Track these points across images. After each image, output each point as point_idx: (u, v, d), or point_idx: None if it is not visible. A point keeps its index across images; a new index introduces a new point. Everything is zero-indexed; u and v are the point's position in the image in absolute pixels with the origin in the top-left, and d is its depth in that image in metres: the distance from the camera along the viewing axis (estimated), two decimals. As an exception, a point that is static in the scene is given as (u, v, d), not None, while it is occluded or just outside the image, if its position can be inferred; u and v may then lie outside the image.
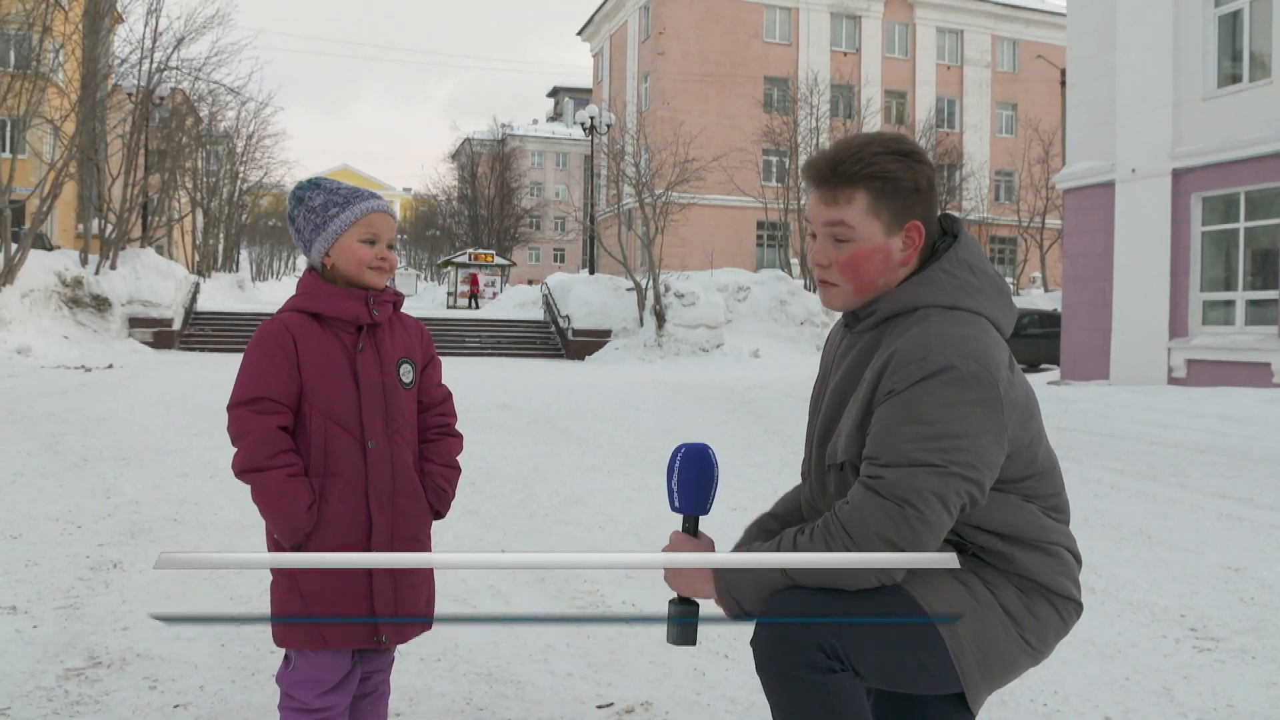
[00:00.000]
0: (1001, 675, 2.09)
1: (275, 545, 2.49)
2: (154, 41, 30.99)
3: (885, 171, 2.10)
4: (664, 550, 2.25)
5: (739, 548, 2.36)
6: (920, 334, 2.03)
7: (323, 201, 2.52)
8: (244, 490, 2.36)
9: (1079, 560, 2.21)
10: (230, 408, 2.44)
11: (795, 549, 2.03)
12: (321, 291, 2.51)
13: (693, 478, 2.22)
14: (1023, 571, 2.09)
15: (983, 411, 1.97)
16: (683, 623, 2.19)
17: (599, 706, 3.30)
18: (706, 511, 2.24)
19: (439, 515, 2.65)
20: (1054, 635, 2.13)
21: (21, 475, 7.41)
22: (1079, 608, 2.18)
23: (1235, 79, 17.08)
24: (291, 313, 2.51)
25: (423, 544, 2.60)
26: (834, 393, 2.22)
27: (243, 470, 2.40)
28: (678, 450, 2.24)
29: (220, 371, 18.81)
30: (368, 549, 2.47)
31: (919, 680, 2.05)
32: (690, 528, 2.26)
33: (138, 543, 5.43)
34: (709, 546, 2.24)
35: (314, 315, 2.50)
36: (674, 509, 2.26)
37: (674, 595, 2.22)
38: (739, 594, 2.09)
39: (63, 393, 14.19)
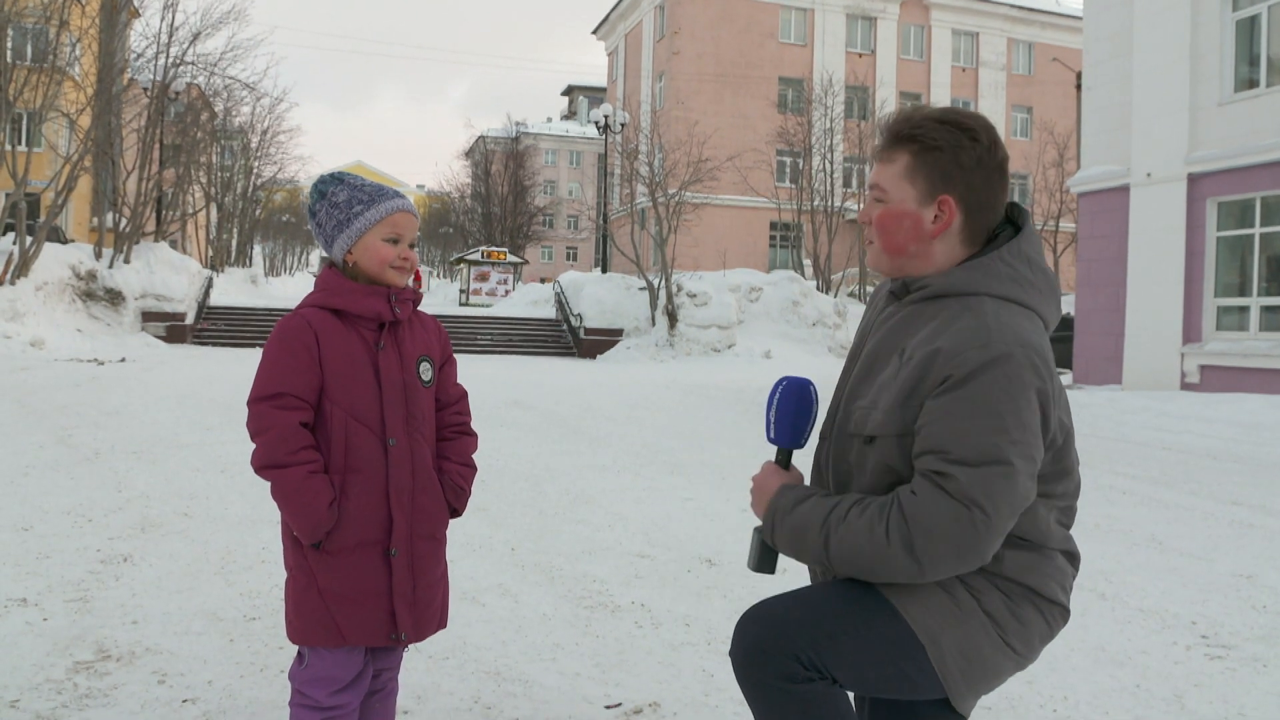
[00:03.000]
0: (986, 681, 2.08)
1: (293, 542, 2.47)
2: (170, 36, 31.13)
3: (928, 137, 2.10)
4: (754, 476, 2.28)
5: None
6: (978, 321, 2.01)
7: (347, 198, 2.50)
8: (255, 485, 2.36)
9: (1075, 564, 2.19)
10: (251, 403, 2.41)
11: (846, 517, 2.02)
12: (344, 288, 2.49)
13: (790, 410, 2.23)
14: (1009, 574, 2.07)
15: (1039, 401, 1.97)
16: (762, 550, 2.24)
17: (607, 707, 3.29)
18: (801, 445, 2.25)
19: (456, 514, 2.65)
20: (1039, 640, 2.11)
21: (33, 468, 7.43)
22: (1065, 613, 2.16)
23: (1252, 84, 16.98)
24: (313, 309, 2.49)
25: (440, 541, 2.60)
26: (868, 356, 2.21)
27: (263, 466, 2.39)
28: (780, 382, 2.26)
29: (233, 366, 18.86)
30: (387, 546, 2.47)
31: (901, 687, 2.05)
32: (783, 460, 2.28)
33: (148, 537, 5.45)
34: (798, 480, 2.25)
35: (336, 311, 2.48)
36: (770, 440, 2.27)
37: (758, 523, 2.26)
38: (778, 524, 2.13)
39: (75, 386, 14.23)
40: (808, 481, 2.29)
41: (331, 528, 2.41)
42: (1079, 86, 22.17)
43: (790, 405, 2.23)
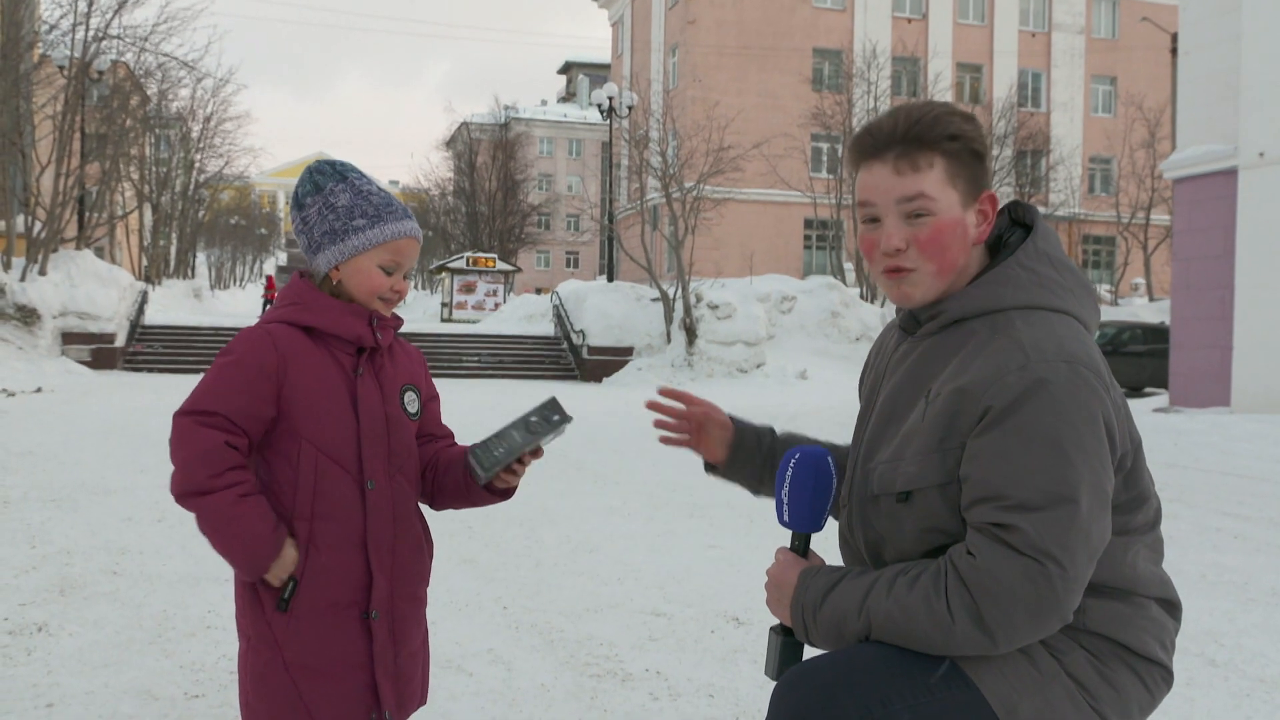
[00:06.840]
0: None
1: (250, 604, 2.40)
2: (90, 5, 31.27)
3: (960, 131, 2.11)
4: (769, 570, 2.26)
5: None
6: (1010, 340, 2.02)
7: (348, 204, 2.45)
8: (200, 537, 2.30)
9: (1176, 615, 2.17)
10: (175, 415, 2.34)
11: (891, 593, 2.00)
12: (319, 304, 2.45)
13: (807, 488, 2.21)
14: (1096, 628, 2.05)
15: (1099, 417, 1.96)
16: (783, 654, 2.20)
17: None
18: (819, 528, 2.24)
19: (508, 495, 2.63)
20: (1138, 709, 2.08)
21: (-67, 519, 7.44)
22: (1168, 675, 2.13)
23: (1387, 44, 16.97)
24: (281, 324, 2.43)
25: (421, 601, 2.58)
26: (885, 405, 2.21)
27: (182, 494, 2.30)
28: (791, 454, 2.23)
29: (172, 396, 18.86)
30: (366, 608, 2.42)
31: None
32: (799, 546, 2.25)
33: (69, 601, 5.43)
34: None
35: (307, 330, 2.44)
36: (782, 523, 2.25)
37: (776, 623, 2.24)
38: (810, 623, 2.11)
39: (-17, 421, 14.27)
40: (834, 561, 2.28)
41: (285, 561, 2.32)
42: (1174, 51, 22.18)
43: (806, 481, 2.21)
